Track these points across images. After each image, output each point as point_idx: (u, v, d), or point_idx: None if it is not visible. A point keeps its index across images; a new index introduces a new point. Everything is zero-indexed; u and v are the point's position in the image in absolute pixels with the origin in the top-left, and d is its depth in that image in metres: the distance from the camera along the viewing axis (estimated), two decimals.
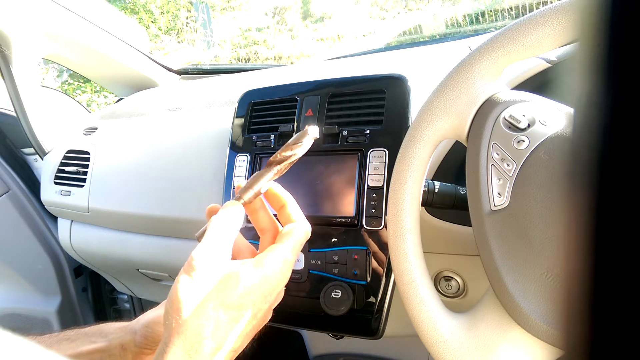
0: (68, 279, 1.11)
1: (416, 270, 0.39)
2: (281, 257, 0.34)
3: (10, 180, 1.07)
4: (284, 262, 0.34)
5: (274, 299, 0.35)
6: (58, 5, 0.95)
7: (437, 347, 0.37)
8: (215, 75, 1.14)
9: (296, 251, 0.35)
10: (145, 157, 0.85)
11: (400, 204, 0.40)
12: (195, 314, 0.30)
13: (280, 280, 0.34)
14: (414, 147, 0.41)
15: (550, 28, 0.34)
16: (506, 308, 0.34)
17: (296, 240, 0.35)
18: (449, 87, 0.39)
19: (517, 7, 4.69)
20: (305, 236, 0.36)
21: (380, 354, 0.92)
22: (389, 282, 0.53)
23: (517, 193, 0.35)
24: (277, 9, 8.49)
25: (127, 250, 0.89)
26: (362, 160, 0.56)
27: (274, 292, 0.34)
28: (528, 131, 0.36)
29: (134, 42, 1.13)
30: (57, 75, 4.25)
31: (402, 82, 0.58)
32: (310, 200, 0.58)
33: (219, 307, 0.30)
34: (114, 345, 0.44)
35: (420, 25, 6.41)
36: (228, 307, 0.31)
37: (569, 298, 0.13)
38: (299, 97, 0.64)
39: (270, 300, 0.34)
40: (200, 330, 0.30)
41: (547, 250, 0.33)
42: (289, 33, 8.29)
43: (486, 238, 0.36)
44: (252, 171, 0.63)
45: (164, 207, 0.78)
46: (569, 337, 0.13)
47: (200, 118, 0.84)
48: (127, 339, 0.44)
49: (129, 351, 0.44)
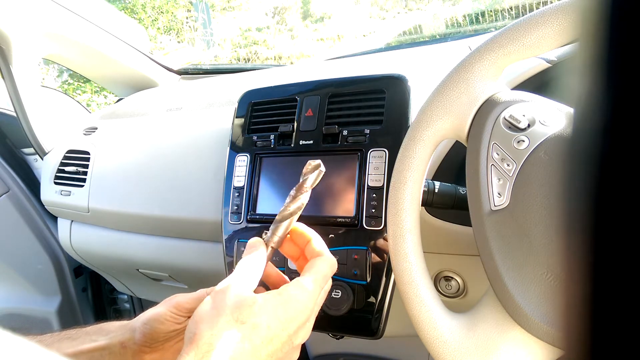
0: (68, 279, 1.11)
1: (416, 270, 0.39)
2: (301, 286, 0.35)
3: (10, 180, 1.07)
4: (303, 291, 0.35)
5: (295, 331, 0.34)
6: (58, 5, 0.95)
7: (437, 347, 0.37)
8: (215, 75, 1.14)
9: (318, 283, 0.36)
10: (145, 157, 0.85)
11: (400, 204, 0.40)
12: (208, 325, 0.31)
13: (298, 309, 0.34)
14: (414, 147, 0.41)
15: (550, 28, 0.34)
16: (506, 308, 0.34)
17: (318, 272, 0.36)
18: (449, 87, 0.39)
19: (517, 7, 4.69)
20: (330, 269, 0.37)
21: (380, 354, 0.92)
22: (389, 282, 0.53)
23: (517, 193, 0.35)
24: (277, 9, 8.49)
25: (127, 250, 0.89)
26: (362, 160, 0.56)
27: (292, 321, 0.34)
28: (528, 131, 0.36)
29: (134, 42, 1.13)
30: (57, 75, 4.25)
31: (402, 82, 0.58)
32: (310, 200, 0.58)
33: (233, 322, 0.32)
34: (114, 343, 0.44)
35: (420, 25, 6.41)
36: (241, 322, 0.32)
37: (568, 298, 0.13)
38: (299, 97, 0.64)
39: (289, 330, 0.34)
40: (211, 340, 0.31)
41: (547, 250, 0.33)
42: (289, 33, 8.29)
43: (486, 238, 0.36)
44: (252, 171, 0.63)
45: (164, 207, 0.78)
46: (569, 337, 0.13)
47: (200, 118, 0.84)
48: (127, 337, 0.44)
49: (129, 349, 0.44)
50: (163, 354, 0.45)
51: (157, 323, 0.43)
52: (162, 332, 0.43)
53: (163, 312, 0.43)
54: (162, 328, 0.42)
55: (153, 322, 0.43)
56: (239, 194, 0.62)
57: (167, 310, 0.43)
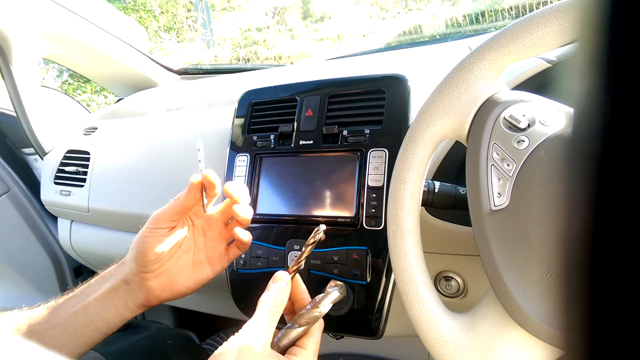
0: (68, 279, 1.11)
1: (416, 270, 0.39)
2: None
3: (10, 180, 1.07)
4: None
5: None
6: (58, 5, 0.95)
7: (437, 347, 0.37)
8: (215, 75, 1.14)
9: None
10: (146, 157, 0.85)
11: (400, 204, 0.40)
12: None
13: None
14: (414, 147, 0.41)
15: (551, 28, 0.34)
16: (506, 308, 0.34)
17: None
18: (449, 87, 0.39)
19: (517, 7, 4.69)
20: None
21: (380, 354, 0.92)
22: (389, 282, 0.53)
23: (517, 193, 0.35)
24: (277, 9, 8.49)
25: (127, 250, 0.89)
26: (362, 160, 0.56)
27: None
28: (528, 131, 0.36)
29: (134, 42, 1.13)
30: (57, 75, 4.25)
31: (402, 82, 0.58)
32: (311, 200, 0.58)
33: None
34: (117, 283, 0.45)
35: (420, 25, 6.41)
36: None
37: (568, 298, 0.13)
38: (299, 97, 0.64)
39: None
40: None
41: (547, 250, 0.33)
42: (289, 33, 8.29)
43: (486, 238, 0.36)
44: (252, 171, 0.63)
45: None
46: (569, 337, 0.13)
47: (200, 118, 0.84)
48: (126, 272, 0.45)
49: (133, 283, 0.45)
50: (168, 275, 0.46)
51: (142, 244, 0.44)
52: (149, 250, 0.44)
53: (143, 231, 0.45)
54: (148, 246, 0.44)
55: (138, 244, 0.44)
56: None
57: (146, 228, 0.45)
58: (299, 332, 0.40)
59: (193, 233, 0.49)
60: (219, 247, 0.50)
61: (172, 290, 0.46)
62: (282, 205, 0.60)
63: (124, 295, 0.45)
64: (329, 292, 0.42)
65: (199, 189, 0.45)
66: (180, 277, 0.46)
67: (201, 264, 0.48)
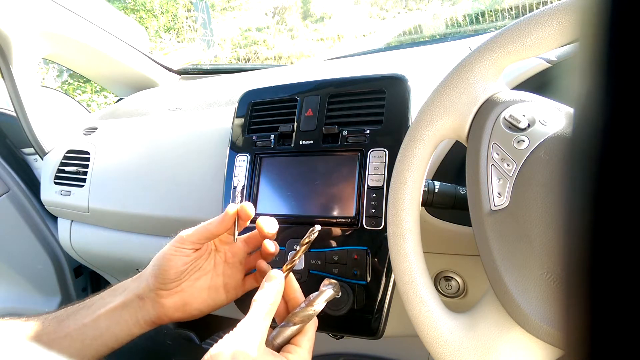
0: (68, 279, 1.11)
1: (416, 270, 0.39)
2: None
3: (10, 180, 1.07)
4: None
5: None
6: (58, 5, 0.95)
7: (437, 347, 0.37)
8: (215, 75, 1.14)
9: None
10: (145, 157, 0.85)
11: (400, 204, 0.40)
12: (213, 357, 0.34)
13: None
14: (414, 147, 0.41)
15: (551, 28, 0.34)
16: (506, 308, 0.34)
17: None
18: (449, 87, 0.39)
19: (517, 7, 4.69)
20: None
21: (380, 354, 0.92)
22: (389, 282, 0.53)
23: (517, 193, 0.35)
24: (277, 9, 8.49)
25: (127, 250, 0.89)
26: (362, 160, 0.56)
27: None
28: (528, 131, 0.36)
29: (134, 42, 1.13)
30: (57, 75, 4.25)
31: (402, 82, 0.58)
32: (311, 200, 0.58)
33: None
34: (131, 298, 0.45)
35: (420, 25, 6.41)
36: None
37: (568, 298, 0.13)
38: (299, 97, 0.64)
39: None
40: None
41: (547, 250, 0.33)
42: (289, 33, 8.29)
43: (486, 238, 0.36)
44: (252, 171, 0.63)
45: (164, 207, 0.78)
46: (569, 337, 0.13)
47: (200, 118, 0.84)
48: (142, 287, 0.45)
49: (147, 299, 0.45)
50: (182, 295, 0.45)
51: (165, 261, 0.43)
52: (171, 269, 0.43)
53: (168, 248, 0.44)
54: (171, 264, 0.43)
55: (161, 260, 0.44)
56: (239, 194, 0.62)
57: (171, 246, 0.44)
58: (294, 330, 0.40)
59: (215, 258, 0.48)
60: (237, 275, 0.49)
61: (185, 310, 0.46)
62: (282, 205, 0.60)
63: (136, 311, 0.44)
64: (323, 291, 0.42)
65: (232, 220, 0.45)
66: (194, 299, 0.46)
67: (217, 290, 0.48)
